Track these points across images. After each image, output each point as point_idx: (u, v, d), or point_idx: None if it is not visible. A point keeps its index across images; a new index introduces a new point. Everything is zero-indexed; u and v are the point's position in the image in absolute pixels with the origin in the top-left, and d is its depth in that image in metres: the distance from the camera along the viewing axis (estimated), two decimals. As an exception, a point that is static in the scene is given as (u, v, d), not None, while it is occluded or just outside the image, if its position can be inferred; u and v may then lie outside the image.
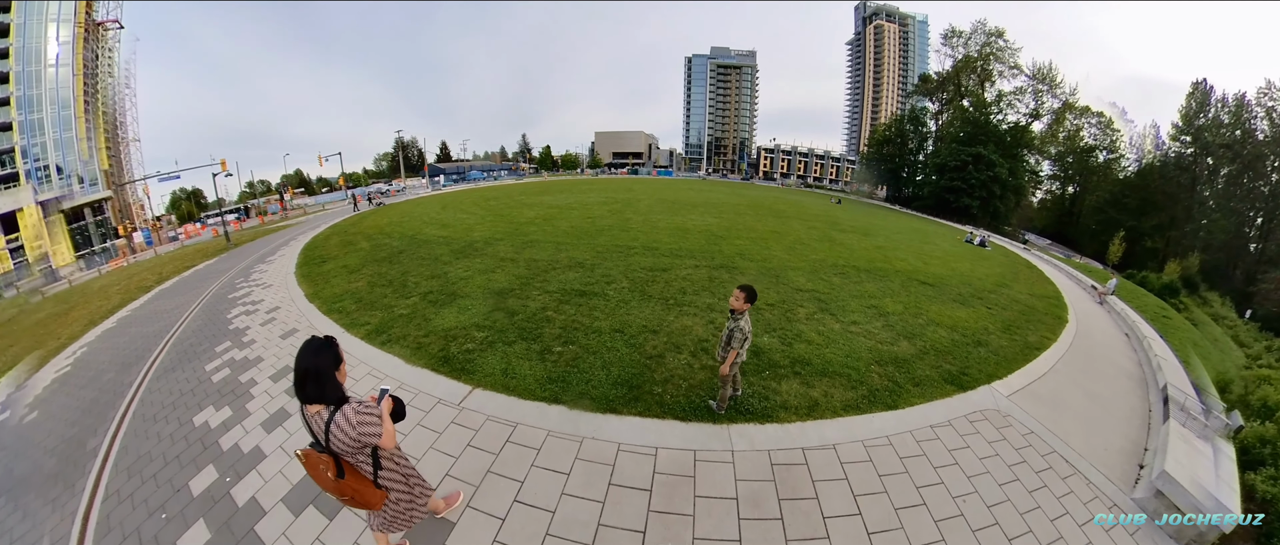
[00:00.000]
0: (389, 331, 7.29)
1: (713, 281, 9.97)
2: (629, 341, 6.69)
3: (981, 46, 49.82)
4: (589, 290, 9.03)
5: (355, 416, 2.39)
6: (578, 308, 8.08)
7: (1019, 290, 12.56)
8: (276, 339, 7.74)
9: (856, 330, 7.53)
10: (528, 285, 9.40)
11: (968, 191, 43.10)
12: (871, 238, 18.76)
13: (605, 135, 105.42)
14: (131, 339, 9.82)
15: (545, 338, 6.79)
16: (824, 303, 8.89)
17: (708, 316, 7.86)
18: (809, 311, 8.35)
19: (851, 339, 7.13)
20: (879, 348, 6.89)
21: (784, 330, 7.32)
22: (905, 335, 7.52)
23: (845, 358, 6.41)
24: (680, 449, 4.48)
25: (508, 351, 6.35)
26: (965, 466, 4.53)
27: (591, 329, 7.13)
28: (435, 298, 8.76)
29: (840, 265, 12.53)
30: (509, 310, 7.90)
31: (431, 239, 15.01)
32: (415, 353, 6.50)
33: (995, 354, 7.22)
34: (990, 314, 9.51)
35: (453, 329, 7.17)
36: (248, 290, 11.46)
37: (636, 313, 7.87)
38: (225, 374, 6.82)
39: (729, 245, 14.14)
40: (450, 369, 5.98)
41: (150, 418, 6.07)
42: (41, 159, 39.45)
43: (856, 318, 8.16)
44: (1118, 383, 7.23)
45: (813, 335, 7.14)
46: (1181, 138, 43.79)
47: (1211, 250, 39.39)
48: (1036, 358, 7.33)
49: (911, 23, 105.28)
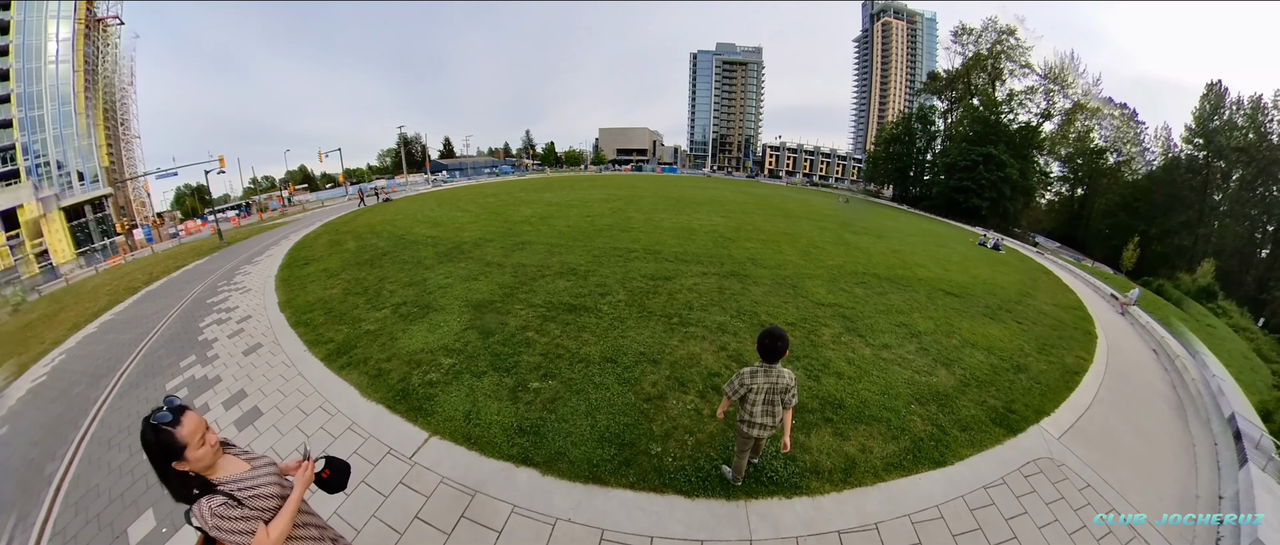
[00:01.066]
0: (351, 353, 6.62)
1: (723, 293, 9.05)
2: (622, 376, 5.74)
3: (992, 44, 48.77)
4: (580, 304, 8.18)
5: (211, 517, 1.80)
6: (564, 327, 7.17)
7: (1043, 301, 11.88)
8: (238, 356, 7.22)
9: (890, 356, 6.74)
10: (511, 297, 8.57)
11: (977, 192, 42.21)
12: (886, 240, 18.02)
13: (609, 131, 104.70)
14: (107, 347, 9.49)
15: (521, 368, 5.91)
16: (850, 321, 8.05)
17: (718, 340, 6.93)
18: (835, 333, 7.49)
19: (886, 369, 6.33)
20: (917, 379, 6.13)
21: (810, 359, 6.47)
22: (942, 361, 6.79)
23: (882, 395, 5.58)
24: (683, 540, 3.61)
25: (475, 386, 5.50)
26: (1025, 540, 3.89)
27: (577, 356, 6.21)
28: (408, 310, 8.04)
29: (860, 273, 11.72)
30: (485, 329, 7.08)
31: (419, 239, 14.42)
32: (373, 382, 5.78)
33: (1036, 382, 6.58)
34: (1022, 331, 8.85)
35: (418, 352, 6.40)
36: (226, 295, 11.01)
37: (633, 335, 6.95)
38: (182, 396, 6.32)
39: (739, 249, 13.31)
40: (408, 407, 5.20)
41: (107, 443, 5.68)
42: (42, 155, 39.22)
43: (888, 339, 7.37)
44: (1159, 412, 6.66)
45: (842, 365, 6.32)
46: (1194, 140, 42.74)
47: (1223, 256, 38.34)
48: (1078, 384, 6.70)
49: (919, 20, 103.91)
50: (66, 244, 38.64)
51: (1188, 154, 43.34)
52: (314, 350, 6.84)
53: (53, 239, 37.69)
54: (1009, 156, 42.26)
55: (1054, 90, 46.11)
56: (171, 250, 24.57)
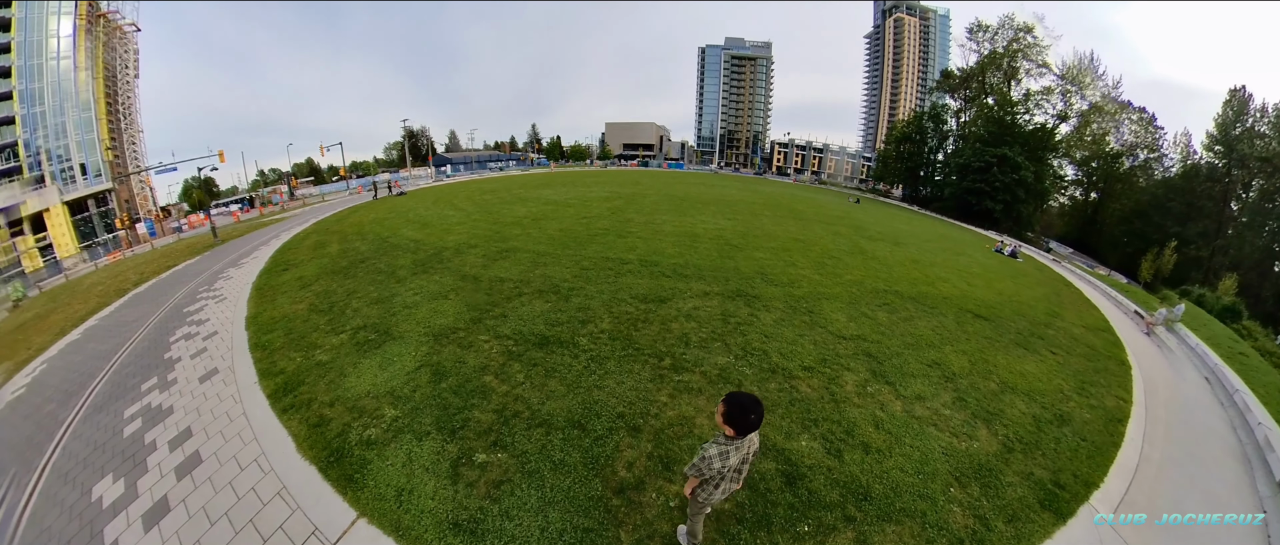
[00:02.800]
0: (297, 391, 5.98)
1: (727, 322, 7.83)
2: (590, 451, 4.62)
3: (1009, 42, 47.37)
4: (554, 336, 7.08)
5: None
6: (530, 369, 6.10)
7: (1071, 321, 11.07)
8: (194, 383, 6.74)
9: (924, 413, 5.77)
10: (478, 323, 7.58)
11: (991, 194, 41.08)
12: (903, 248, 17.08)
13: (616, 126, 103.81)
14: (85, 359, 9.20)
15: (470, 430, 4.94)
16: (876, 361, 6.95)
17: (719, 390, 5.72)
18: (859, 379, 6.35)
19: (920, 432, 5.34)
20: (956, 447, 5.18)
21: (831, 422, 5.30)
22: (982, 415, 5.86)
23: (917, 476, 4.63)
24: None
25: (415, 452, 4.68)
26: None
27: (538, 418, 5.10)
28: (365, 337, 7.33)
29: (881, 290, 10.68)
30: (439, 368, 6.22)
31: (402, 243, 13.79)
32: (312, 434, 5.11)
33: (1081, 436, 5.82)
34: (1058, 364, 8.04)
35: (363, 397, 5.65)
36: (203, 304, 10.60)
37: (612, 384, 5.79)
38: (135, 428, 5.97)
39: (746, 259, 12.21)
40: (340, 473, 4.48)
41: (63, 476, 5.34)
42: (46, 150, 39.13)
43: (920, 387, 6.35)
44: (1220, 463, 5.92)
45: (870, 430, 5.25)
46: (1215, 147, 41.29)
47: (1241, 269, 36.97)
48: (1123, 437, 5.97)
49: (932, 17, 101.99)
50: (70, 238, 38.61)
51: (1208, 162, 41.98)
52: (264, 382, 6.32)
53: (56, 233, 37.64)
54: (1024, 158, 41.11)
55: (1072, 91, 44.75)
56: (168, 247, 24.28)
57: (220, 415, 5.74)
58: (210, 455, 5.05)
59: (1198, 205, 40.68)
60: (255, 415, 5.62)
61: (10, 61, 37.90)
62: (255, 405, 5.82)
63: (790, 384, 6.07)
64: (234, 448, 5.09)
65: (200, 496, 4.46)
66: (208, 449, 5.15)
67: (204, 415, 5.81)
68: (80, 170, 40.49)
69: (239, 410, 5.76)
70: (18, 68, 38.07)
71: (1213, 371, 9.41)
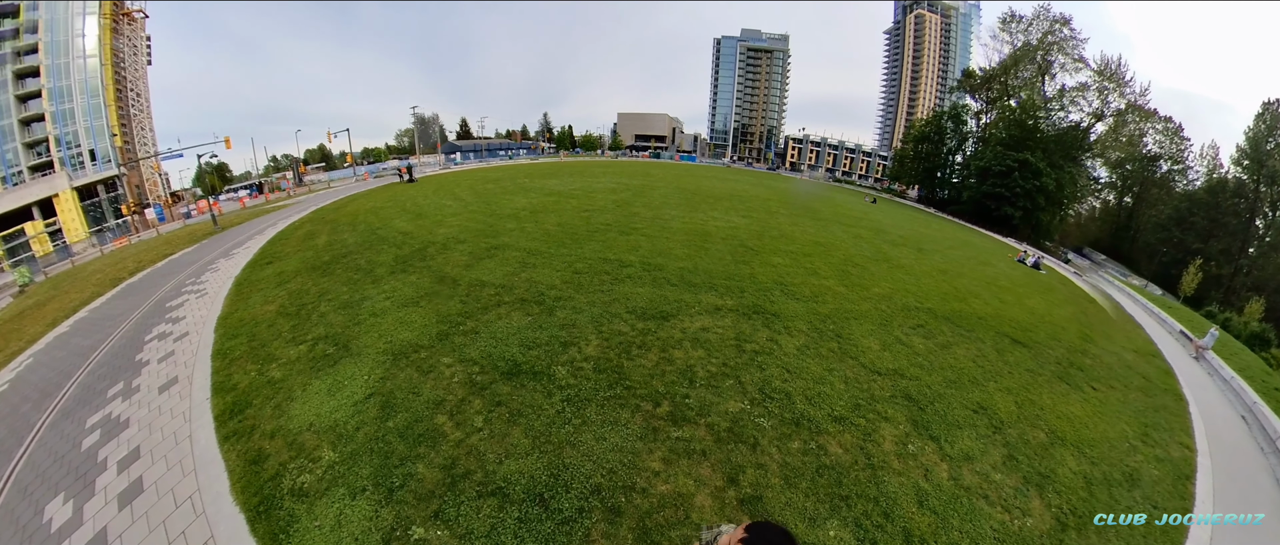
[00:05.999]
0: (243, 413, 5.48)
1: (742, 349, 6.53)
2: (552, 541, 3.63)
3: (1043, 35, 45.43)
4: (528, 363, 5.93)
5: None
6: (493, 411, 5.04)
7: (1115, 344, 10.21)
8: (154, 393, 6.37)
9: (973, 480, 4.80)
10: (445, 339, 6.61)
11: (1011, 200, 39.78)
12: (927, 255, 16.12)
13: (628, 116, 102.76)
14: (67, 355, 9.03)
15: (410, 491, 4.08)
16: (917, 406, 5.92)
17: (728, 458, 4.55)
18: (899, 434, 5.32)
19: (970, 509, 4.39)
20: (1009, 527, 4.25)
21: (866, 500, 4.31)
22: (1035, 481, 4.92)
23: None
24: None
25: (345, 514, 3.95)
26: None
27: (493, 482, 4.09)
28: (321, 352, 6.68)
29: (912, 307, 9.63)
30: (390, 400, 5.39)
31: (390, 236, 13.12)
32: (247, 471, 4.58)
33: (1151, 502, 5.00)
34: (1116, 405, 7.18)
35: (303, 431, 5.00)
36: (185, 299, 10.24)
37: (590, 440, 4.63)
38: (93, 441, 5.72)
39: (763, 265, 10.93)
40: (266, 530, 3.87)
41: (23, 491, 5.15)
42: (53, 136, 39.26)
43: (967, 442, 5.41)
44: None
45: (911, 507, 4.29)
46: (1244, 162, 39.21)
47: (1265, 291, 34.74)
48: (1193, 495, 5.18)
49: (954, 14, 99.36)
50: (80, 223, 38.71)
51: (1234, 176, 40.02)
52: (216, 399, 5.96)
53: (66, 218, 37.75)
54: (1045, 165, 39.58)
55: (1109, 89, 42.75)
56: (165, 236, 24.13)
57: (169, 436, 5.45)
58: (151, 484, 4.82)
59: (1222, 221, 38.86)
60: (199, 440, 5.29)
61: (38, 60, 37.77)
62: (201, 427, 5.49)
63: (818, 442, 5.02)
64: (174, 478, 4.80)
65: (136, 533, 4.22)
66: (151, 475, 4.92)
67: (154, 434, 5.56)
68: (89, 156, 40.56)
69: (186, 432, 5.46)
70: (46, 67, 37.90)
71: (1250, 409, 8.54)
